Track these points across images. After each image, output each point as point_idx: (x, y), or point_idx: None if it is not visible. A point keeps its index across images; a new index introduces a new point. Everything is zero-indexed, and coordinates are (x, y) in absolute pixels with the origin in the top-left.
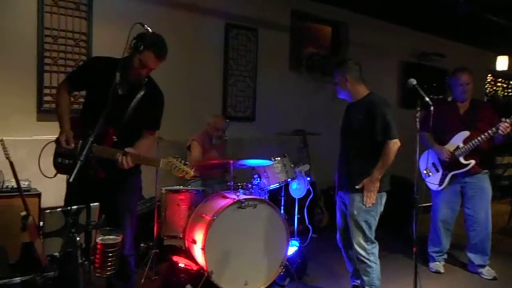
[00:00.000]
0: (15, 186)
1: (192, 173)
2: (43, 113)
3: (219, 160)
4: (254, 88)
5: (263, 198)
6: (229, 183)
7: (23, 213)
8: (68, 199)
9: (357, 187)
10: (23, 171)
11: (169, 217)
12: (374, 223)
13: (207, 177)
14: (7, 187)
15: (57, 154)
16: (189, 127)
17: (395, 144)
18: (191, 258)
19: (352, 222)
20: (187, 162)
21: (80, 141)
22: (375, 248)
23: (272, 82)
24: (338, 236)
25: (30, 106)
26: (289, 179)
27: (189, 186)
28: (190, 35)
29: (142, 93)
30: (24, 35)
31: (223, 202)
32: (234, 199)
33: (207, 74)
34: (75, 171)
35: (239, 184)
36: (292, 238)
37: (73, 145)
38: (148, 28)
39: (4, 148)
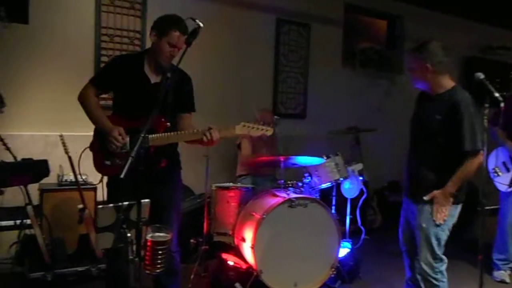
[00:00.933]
0: (73, 180)
1: (271, 130)
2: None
3: (270, 158)
4: (305, 84)
5: (314, 197)
6: (279, 181)
7: (80, 206)
8: (114, 195)
9: (425, 198)
10: (80, 165)
11: (218, 214)
12: (445, 238)
13: (257, 174)
14: (65, 180)
15: (103, 157)
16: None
17: (479, 157)
18: (240, 256)
19: (419, 235)
20: (263, 122)
21: (128, 138)
22: (443, 266)
23: (324, 78)
24: (401, 239)
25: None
26: (342, 178)
27: (239, 184)
28: (240, 31)
29: (176, 77)
30: (82, 34)
31: (273, 201)
32: (285, 197)
33: (257, 70)
34: (126, 167)
35: (289, 182)
36: (344, 240)
37: (127, 138)
38: (200, 23)
39: (63, 143)
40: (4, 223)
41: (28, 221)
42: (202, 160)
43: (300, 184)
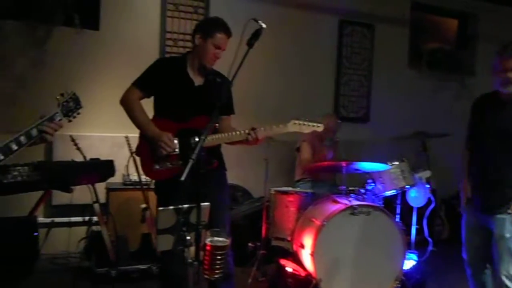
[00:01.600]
0: (137, 180)
1: (322, 126)
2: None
3: (331, 163)
4: (369, 87)
5: (378, 205)
6: (340, 187)
7: (143, 205)
8: (165, 199)
9: (510, 212)
10: None
11: (277, 219)
12: None
13: (316, 179)
14: (130, 180)
15: (151, 162)
16: None
17: None
18: (299, 262)
19: (502, 248)
20: (313, 119)
21: (177, 140)
22: None
23: (389, 81)
24: (465, 254)
25: (150, 104)
26: (408, 186)
27: (298, 188)
28: (302, 33)
29: (219, 80)
30: (148, 39)
31: (334, 207)
32: (346, 204)
33: (319, 73)
34: (186, 170)
35: (350, 188)
36: (409, 251)
37: (176, 143)
38: (262, 24)
39: (128, 144)
40: (74, 219)
41: (95, 218)
42: (261, 163)
43: (362, 190)
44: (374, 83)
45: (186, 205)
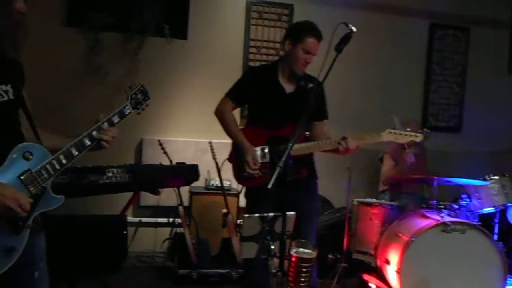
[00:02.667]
0: (219, 185)
1: (421, 136)
2: (245, 119)
3: (419, 175)
4: (462, 94)
5: (474, 223)
6: (431, 202)
7: (224, 210)
8: (254, 206)
9: None
10: (225, 171)
11: (360, 231)
12: None
13: (402, 191)
14: (212, 185)
15: (241, 170)
16: None
17: None
18: (383, 279)
19: None
20: (409, 129)
21: (260, 148)
22: None
23: (486, 87)
24: None
25: (234, 112)
26: (509, 204)
27: (382, 200)
28: (388, 38)
29: (311, 85)
30: (233, 48)
31: (423, 223)
32: (438, 220)
33: (406, 79)
34: (273, 178)
35: (441, 203)
36: (510, 276)
37: (259, 163)
38: (353, 28)
39: (212, 149)
40: (159, 220)
41: (179, 220)
42: (343, 172)
43: (455, 206)
44: (468, 90)
45: (271, 213)
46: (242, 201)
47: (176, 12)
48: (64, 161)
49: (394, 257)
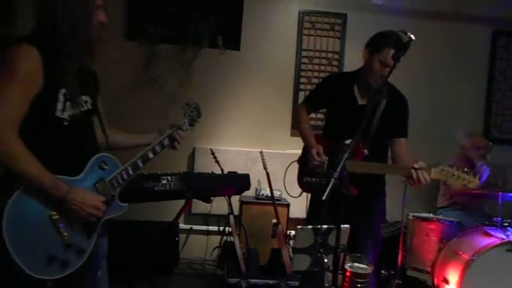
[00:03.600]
0: (269, 195)
1: (477, 182)
2: (296, 129)
3: (481, 190)
4: None
5: None
6: (494, 219)
7: (274, 220)
8: (313, 217)
9: None
10: (275, 181)
11: (415, 247)
12: None
13: (463, 207)
14: (262, 195)
15: (303, 173)
16: (442, 150)
17: None
18: None
19: None
20: (466, 170)
21: (326, 158)
22: None
23: None
24: None
25: (285, 122)
26: None
27: (440, 215)
28: (445, 46)
29: (385, 100)
30: (285, 58)
31: (486, 241)
32: (503, 239)
33: (467, 89)
34: (328, 189)
35: (506, 220)
36: None
37: (324, 158)
38: (411, 36)
39: (262, 159)
40: (210, 228)
41: (229, 229)
42: (398, 185)
43: None
44: None
45: (324, 226)
46: (292, 212)
47: (229, 23)
48: (131, 172)
49: (453, 276)
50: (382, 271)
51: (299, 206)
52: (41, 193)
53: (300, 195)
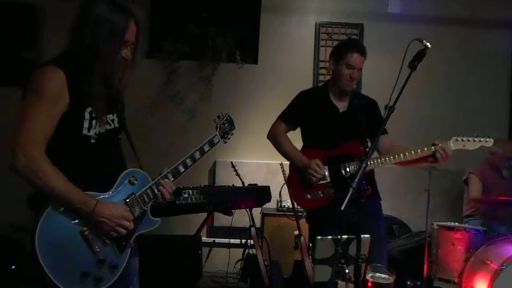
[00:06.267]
0: (290, 206)
1: (492, 141)
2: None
3: (508, 198)
4: None
5: None
6: None
7: (296, 232)
8: (322, 228)
9: None
10: None
11: (441, 257)
12: None
13: (490, 216)
14: (283, 206)
15: (303, 192)
16: (465, 158)
17: None
18: None
19: None
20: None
21: (326, 167)
22: None
23: None
24: None
25: None
26: None
27: (466, 224)
28: (467, 52)
29: (363, 101)
30: (303, 70)
31: None
32: None
33: (490, 94)
34: (347, 199)
35: None
36: None
37: (325, 170)
38: (427, 44)
39: (283, 171)
40: (232, 241)
41: (251, 242)
42: (420, 193)
43: None
44: None
45: (345, 236)
46: None
47: (247, 38)
48: (171, 178)
49: (482, 286)
50: (408, 282)
51: None
52: (71, 210)
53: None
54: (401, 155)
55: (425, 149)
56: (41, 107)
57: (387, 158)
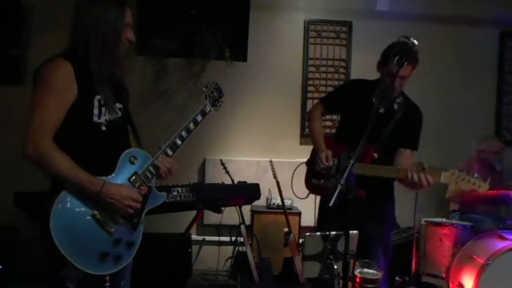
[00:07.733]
0: (280, 204)
1: (487, 187)
2: (305, 138)
3: (494, 193)
4: None
5: None
6: (507, 222)
7: (286, 229)
8: (323, 223)
9: None
10: (286, 190)
11: (429, 253)
12: None
13: (475, 211)
14: (273, 204)
15: (310, 174)
16: (453, 155)
17: None
18: None
19: None
20: (476, 175)
21: (335, 160)
22: None
23: None
24: None
25: (294, 130)
26: None
27: (453, 220)
28: (452, 50)
29: (401, 112)
30: (292, 68)
31: (500, 244)
32: None
33: (476, 91)
34: (334, 196)
35: None
36: None
37: (332, 162)
38: (414, 41)
39: (272, 168)
40: (222, 238)
41: (241, 239)
42: (407, 190)
43: None
44: None
45: (333, 232)
46: (304, 220)
47: (236, 35)
48: (170, 152)
49: (468, 281)
50: (397, 278)
51: (310, 214)
52: (81, 193)
53: (307, 196)
54: (374, 169)
55: (400, 171)
56: (50, 98)
57: (363, 166)
